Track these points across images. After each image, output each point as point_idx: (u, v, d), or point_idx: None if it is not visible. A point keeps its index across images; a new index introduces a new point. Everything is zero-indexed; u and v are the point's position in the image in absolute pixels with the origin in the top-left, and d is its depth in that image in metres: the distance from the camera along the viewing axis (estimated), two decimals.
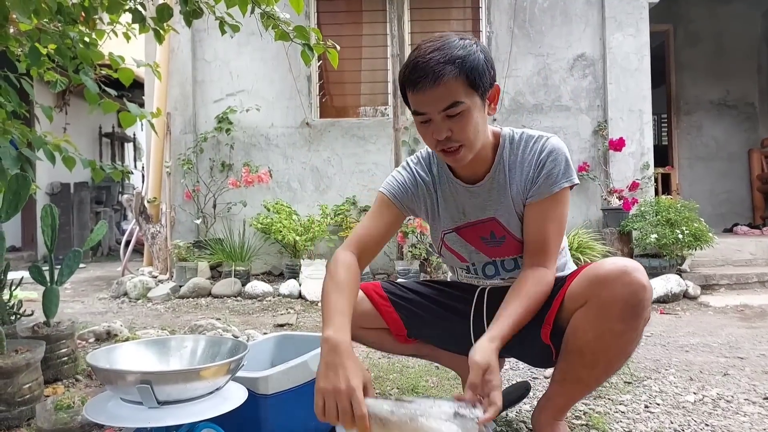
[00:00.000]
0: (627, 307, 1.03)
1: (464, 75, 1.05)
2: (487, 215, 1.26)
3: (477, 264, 1.36)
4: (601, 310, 1.06)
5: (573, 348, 1.13)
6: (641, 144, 4.61)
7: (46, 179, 6.90)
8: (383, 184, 1.32)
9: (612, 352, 1.09)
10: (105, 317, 3.24)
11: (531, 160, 1.19)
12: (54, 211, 1.88)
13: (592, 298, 1.07)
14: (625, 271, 1.04)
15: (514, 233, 1.25)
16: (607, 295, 1.04)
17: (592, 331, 1.08)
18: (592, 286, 1.08)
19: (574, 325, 1.12)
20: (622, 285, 1.03)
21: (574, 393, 1.21)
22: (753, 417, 1.52)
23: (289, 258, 4.32)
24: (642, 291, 1.04)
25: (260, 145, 4.75)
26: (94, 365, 0.83)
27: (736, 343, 2.45)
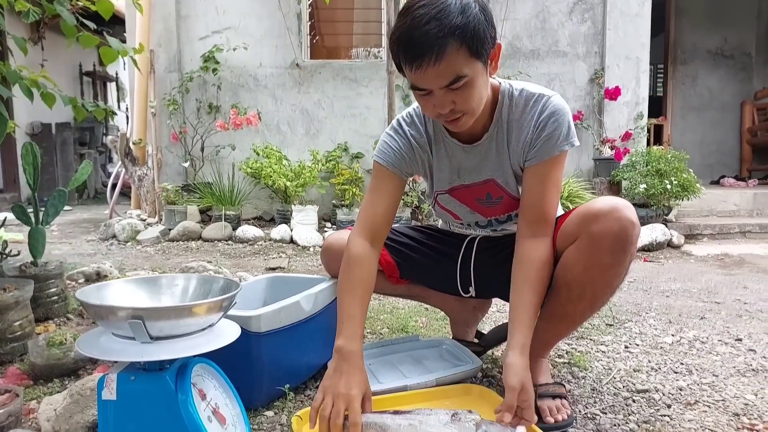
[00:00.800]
0: (616, 241, 1.05)
1: (466, 45, 0.96)
2: (484, 177, 1.24)
3: (471, 225, 1.37)
4: (592, 243, 1.08)
5: (561, 283, 1.15)
6: (637, 93, 4.56)
7: (26, 119, 6.70)
8: (377, 152, 1.27)
9: (598, 284, 1.12)
10: (94, 259, 3.23)
11: (531, 121, 1.14)
12: (35, 149, 1.83)
13: (583, 233, 1.10)
14: (616, 207, 1.06)
15: (511, 192, 1.24)
16: (598, 229, 1.06)
17: (581, 265, 1.10)
18: (584, 222, 1.10)
19: (564, 261, 1.14)
20: (613, 220, 1.05)
21: (559, 329, 1.24)
22: (725, 356, 1.59)
23: (280, 203, 4.30)
24: (631, 227, 1.05)
25: (248, 86, 4.62)
26: (84, 301, 0.83)
27: (715, 289, 2.52)
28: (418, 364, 1.41)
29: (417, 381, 1.27)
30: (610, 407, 1.25)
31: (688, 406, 1.26)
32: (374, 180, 1.27)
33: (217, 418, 0.93)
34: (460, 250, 1.39)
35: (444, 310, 1.65)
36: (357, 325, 1.12)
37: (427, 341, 1.56)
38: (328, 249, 1.44)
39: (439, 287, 1.49)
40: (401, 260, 1.41)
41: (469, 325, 1.59)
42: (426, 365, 1.40)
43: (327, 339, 1.45)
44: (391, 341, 1.55)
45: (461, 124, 1.09)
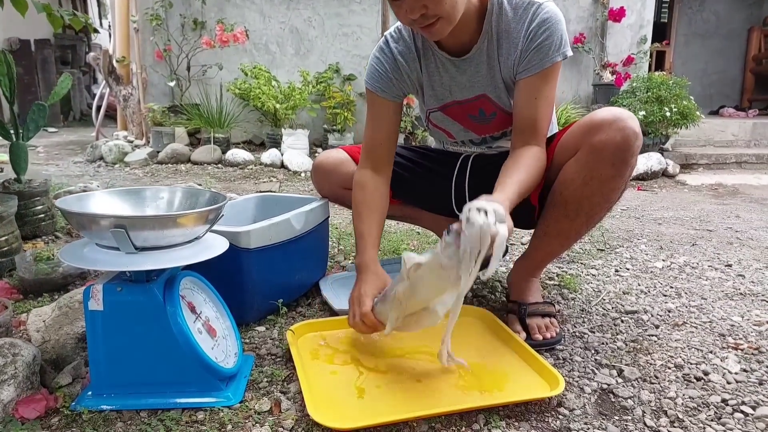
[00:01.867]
0: (618, 151, 1.02)
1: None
2: (475, 93, 1.18)
3: (465, 142, 1.34)
4: (593, 154, 1.04)
5: (558, 200, 1.12)
6: (641, 15, 4.36)
7: (2, 34, 6.35)
8: (367, 76, 1.23)
9: (596, 198, 1.09)
10: (82, 180, 3.18)
11: (521, 30, 1.07)
12: (9, 58, 1.72)
13: (584, 144, 1.06)
14: (619, 117, 1.03)
15: (504, 108, 1.19)
16: (600, 138, 1.03)
17: (581, 178, 1.07)
18: (585, 133, 1.06)
19: (563, 176, 1.11)
20: (616, 130, 1.02)
21: (552, 247, 1.23)
22: (714, 281, 1.61)
23: (269, 127, 4.19)
24: (634, 137, 1.02)
25: (235, 0, 4.36)
26: (64, 209, 0.79)
27: (707, 218, 2.53)
28: None
29: None
30: (598, 327, 1.27)
31: (676, 326, 1.28)
32: (368, 107, 1.25)
33: (207, 330, 0.92)
34: (454, 169, 1.35)
35: (435, 231, 1.64)
36: (367, 241, 1.18)
37: None
38: (318, 168, 1.40)
39: (432, 207, 1.47)
40: (394, 180, 1.37)
41: None
42: None
43: (318, 258, 1.45)
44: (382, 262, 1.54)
45: (437, 30, 1.01)
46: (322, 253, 1.48)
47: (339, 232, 2.04)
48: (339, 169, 1.37)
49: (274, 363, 1.07)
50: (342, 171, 1.37)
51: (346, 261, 1.70)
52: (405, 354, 1.08)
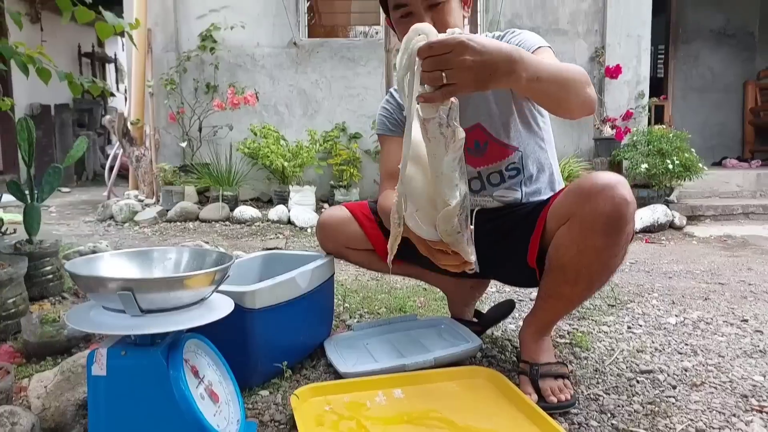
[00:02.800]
0: (610, 221, 1.00)
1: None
2: (470, 123, 1.23)
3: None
4: (584, 225, 1.03)
5: (556, 265, 1.11)
6: (637, 72, 4.49)
7: (25, 100, 6.62)
8: (377, 126, 1.39)
9: (594, 267, 1.08)
10: (91, 239, 3.21)
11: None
12: (30, 124, 1.79)
13: (575, 213, 1.05)
14: (607, 185, 1.01)
15: (495, 136, 1.23)
16: (590, 209, 1.01)
17: (575, 247, 1.06)
18: (575, 202, 1.05)
19: (557, 243, 1.10)
20: (605, 199, 1.00)
21: (557, 309, 1.21)
22: (730, 337, 1.57)
23: (277, 184, 4.26)
24: (625, 205, 1.00)
25: (246, 65, 4.55)
26: (72, 272, 0.80)
27: (718, 271, 2.50)
28: (416, 343, 1.39)
29: (415, 360, 1.25)
30: (613, 388, 1.23)
31: (694, 387, 1.24)
32: (381, 150, 1.38)
33: (209, 395, 0.90)
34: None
35: (441, 288, 1.62)
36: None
37: (425, 320, 1.54)
38: (322, 226, 1.41)
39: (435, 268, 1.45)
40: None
41: (467, 304, 1.56)
42: (424, 344, 1.37)
43: (324, 317, 1.44)
44: (388, 321, 1.53)
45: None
46: (328, 312, 1.46)
47: (344, 289, 2.03)
48: (342, 228, 1.38)
49: (277, 430, 1.03)
50: (346, 230, 1.38)
51: (351, 320, 1.68)
52: (413, 420, 1.04)
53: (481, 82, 0.83)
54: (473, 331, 1.45)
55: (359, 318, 1.72)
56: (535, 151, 1.28)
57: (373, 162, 4.51)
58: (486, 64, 0.82)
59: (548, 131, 1.33)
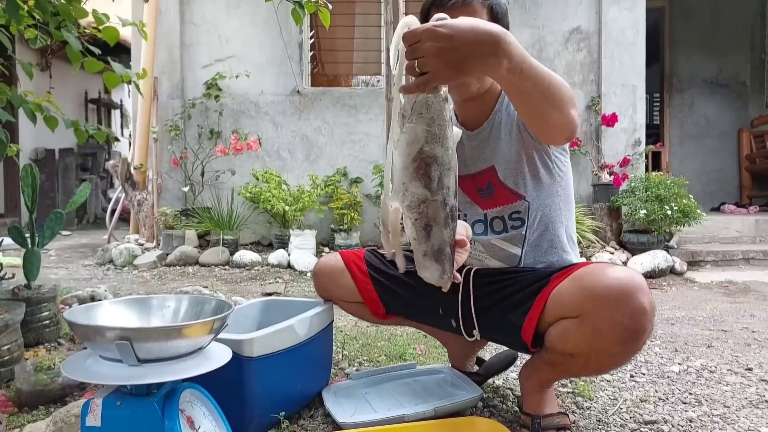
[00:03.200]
0: (627, 332, 0.94)
1: (489, 7, 1.11)
2: (486, 165, 1.22)
3: (469, 218, 1.28)
4: (599, 331, 0.96)
5: (562, 350, 1.05)
6: (633, 120, 4.59)
7: (30, 144, 6.75)
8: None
9: (606, 364, 1.05)
10: (90, 283, 3.20)
11: None
12: (34, 170, 1.82)
13: (587, 315, 0.97)
14: (625, 291, 0.93)
15: (503, 180, 1.20)
16: (606, 317, 0.94)
17: (586, 346, 1.00)
18: (588, 302, 0.97)
19: (565, 335, 1.03)
20: (623, 310, 0.92)
21: (561, 377, 1.20)
22: (735, 386, 1.54)
23: (278, 228, 4.28)
24: (644, 316, 0.93)
25: (249, 112, 4.66)
26: (71, 321, 0.80)
27: (720, 317, 2.48)
28: (416, 393, 1.36)
29: (415, 411, 1.23)
30: None
31: None
32: None
33: None
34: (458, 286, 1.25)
35: (440, 341, 1.59)
36: None
37: (425, 369, 1.52)
38: (317, 274, 1.40)
39: (432, 324, 1.41)
40: (388, 297, 1.33)
41: (467, 357, 1.52)
42: (424, 394, 1.35)
43: (322, 365, 1.42)
44: (388, 369, 1.51)
45: (458, 85, 1.13)
46: (326, 360, 1.44)
47: (344, 335, 2.01)
48: (335, 279, 1.36)
49: None
50: (338, 281, 1.36)
51: (350, 368, 1.66)
52: None
53: (454, 68, 0.76)
54: (474, 380, 1.43)
55: (358, 366, 1.69)
56: (545, 204, 1.20)
57: (373, 206, 4.55)
58: (456, 49, 0.75)
59: (566, 186, 1.23)
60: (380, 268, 1.35)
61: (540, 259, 1.22)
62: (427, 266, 0.88)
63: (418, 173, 0.82)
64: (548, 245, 1.21)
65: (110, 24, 1.98)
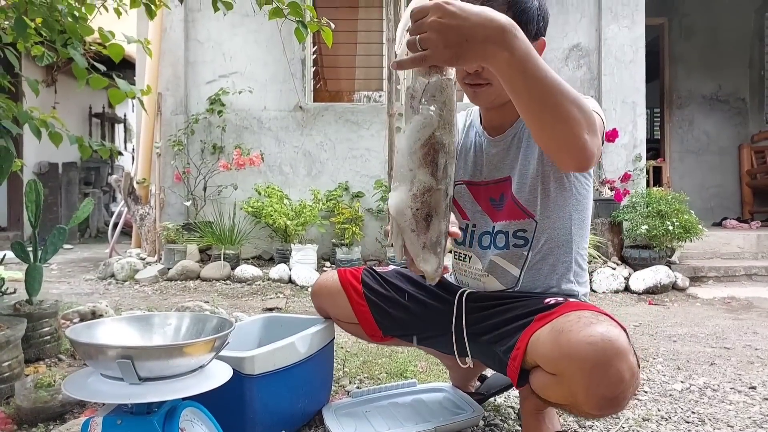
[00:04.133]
0: (605, 401, 0.89)
1: (512, 13, 0.99)
2: (502, 175, 1.18)
3: (477, 228, 1.24)
4: (575, 395, 0.92)
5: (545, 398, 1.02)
6: (634, 136, 4.61)
7: (34, 159, 6.79)
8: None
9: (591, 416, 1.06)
10: (91, 298, 3.20)
11: None
12: (38, 186, 1.83)
13: (563, 376, 0.92)
14: (602, 359, 0.86)
15: (515, 195, 1.16)
16: (582, 384, 0.89)
17: (567, 402, 0.97)
18: (564, 363, 0.91)
19: (545, 388, 0.99)
20: (600, 380, 0.87)
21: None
22: (738, 405, 1.53)
23: (279, 243, 4.28)
24: (621, 384, 0.87)
25: (252, 128, 4.70)
26: (73, 339, 0.80)
27: (723, 334, 2.47)
28: (417, 411, 1.36)
29: (415, 429, 1.22)
30: None
31: None
32: None
33: None
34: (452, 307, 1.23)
35: (441, 361, 1.58)
36: None
37: (426, 388, 1.51)
38: (315, 293, 1.40)
39: (428, 347, 1.39)
40: (384, 319, 1.30)
41: (469, 379, 1.51)
42: (424, 413, 1.35)
43: (323, 383, 1.41)
44: (388, 387, 1.50)
45: (482, 93, 1.09)
46: (327, 378, 1.44)
47: (344, 352, 2.00)
48: (331, 299, 1.35)
49: None
50: (334, 302, 1.34)
51: (351, 385, 1.65)
52: None
53: (453, 48, 0.73)
54: (475, 398, 1.42)
55: (359, 383, 1.69)
56: (554, 227, 1.15)
57: (375, 220, 4.56)
58: (458, 28, 0.72)
59: (582, 211, 1.17)
60: (376, 290, 1.31)
61: (539, 283, 1.17)
62: (427, 259, 0.86)
63: (426, 159, 0.80)
64: (549, 270, 1.17)
65: (115, 41, 2.02)
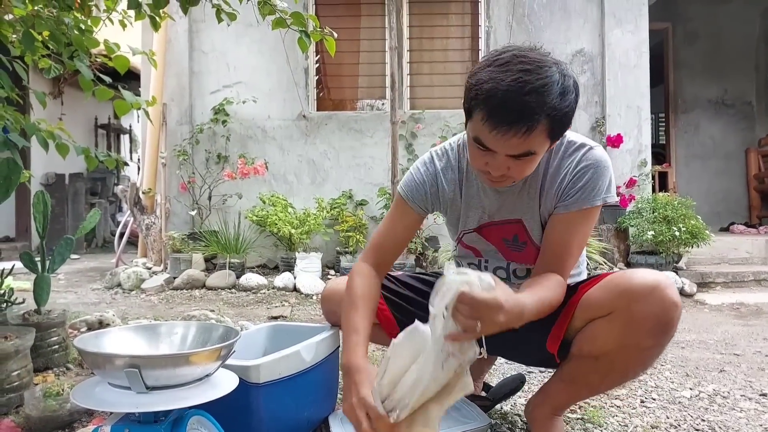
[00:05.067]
0: (659, 324, 0.99)
1: (550, 127, 0.96)
2: (514, 216, 1.19)
3: (490, 264, 1.29)
4: (631, 324, 1.01)
5: (587, 354, 1.08)
6: (639, 141, 4.60)
7: (41, 170, 6.85)
8: (403, 182, 1.26)
9: (632, 363, 1.07)
10: (98, 307, 3.21)
11: (568, 168, 1.10)
12: (46, 197, 1.85)
13: (619, 310, 1.02)
14: (658, 286, 0.99)
15: (535, 241, 1.19)
16: (639, 309, 0.99)
17: (615, 342, 1.03)
18: (620, 298, 1.02)
19: (594, 334, 1.07)
20: (656, 301, 0.98)
21: (579, 395, 1.19)
22: (749, 413, 1.52)
23: (284, 251, 4.29)
24: (674, 309, 0.99)
25: (257, 137, 4.72)
26: (81, 349, 0.81)
27: (732, 340, 2.44)
28: None
29: None
30: None
31: None
32: (393, 208, 1.27)
33: None
34: None
35: None
36: (361, 336, 1.10)
37: None
38: (328, 298, 1.40)
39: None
40: (401, 316, 1.33)
41: (475, 378, 1.52)
42: None
43: (329, 390, 1.41)
44: None
45: (502, 184, 1.09)
46: (332, 386, 1.44)
47: None
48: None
49: None
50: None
51: None
52: None
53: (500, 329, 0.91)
54: (482, 405, 1.42)
55: None
56: None
57: None
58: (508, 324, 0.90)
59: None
60: (394, 289, 1.35)
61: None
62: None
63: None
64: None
65: (121, 53, 2.04)
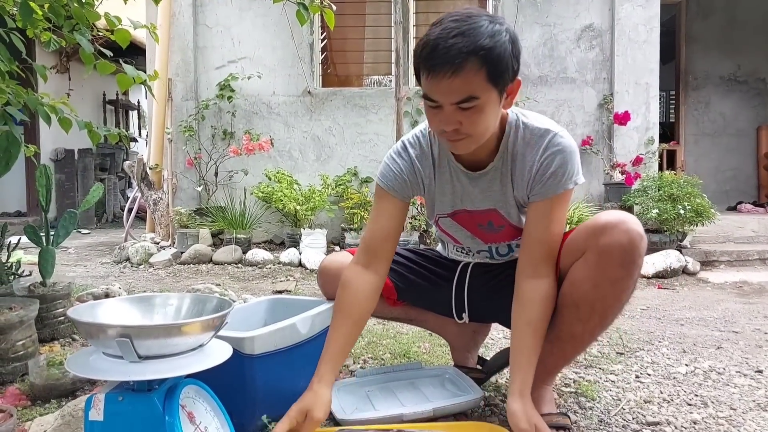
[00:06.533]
0: (625, 253, 1.05)
1: (485, 68, 0.97)
2: (487, 206, 1.23)
3: (473, 250, 1.36)
4: (601, 256, 1.07)
5: (569, 302, 1.13)
6: (647, 118, 4.53)
7: (50, 145, 6.90)
8: (380, 175, 1.26)
9: (608, 300, 1.10)
10: (106, 281, 3.26)
11: (536, 155, 1.13)
12: (48, 170, 1.87)
13: (591, 246, 1.09)
14: (622, 220, 1.07)
15: (513, 223, 1.24)
16: (606, 242, 1.06)
17: (591, 281, 1.09)
18: (591, 236, 1.09)
19: (572, 278, 1.12)
20: (620, 232, 1.05)
21: (565, 351, 1.21)
22: (743, 389, 1.53)
23: (290, 227, 4.32)
24: (639, 239, 1.05)
25: (262, 113, 4.71)
26: (75, 319, 0.83)
27: (732, 318, 2.45)
28: (418, 392, 1.38)
29: (413, 410, 1.24)
30: None
31: None
32: (375, 202, 1.27)
33: None
34: (454, 275, 1.38)
35: (443, 335, 1.61)
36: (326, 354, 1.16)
37: (429, 369, 1.53)
38: (324, 271, 1.43)
39: (435, 310, 1.48)
40: (399, 282, 1.40)
41: (469, 350, 1.56)
42: (425, 394, 1.37)
43: None
44: (392, 368, 1.52)
45: (462, 145, 1.08)
46: None
47: None
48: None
49: None
50: None
51: (355, 365, 1.68)
52: None
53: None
54: (476, 378, 1.44)
55: (363, 363, 1.71)
56: None
57: None
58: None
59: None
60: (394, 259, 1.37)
61: None
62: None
63: None
64: None
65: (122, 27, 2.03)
